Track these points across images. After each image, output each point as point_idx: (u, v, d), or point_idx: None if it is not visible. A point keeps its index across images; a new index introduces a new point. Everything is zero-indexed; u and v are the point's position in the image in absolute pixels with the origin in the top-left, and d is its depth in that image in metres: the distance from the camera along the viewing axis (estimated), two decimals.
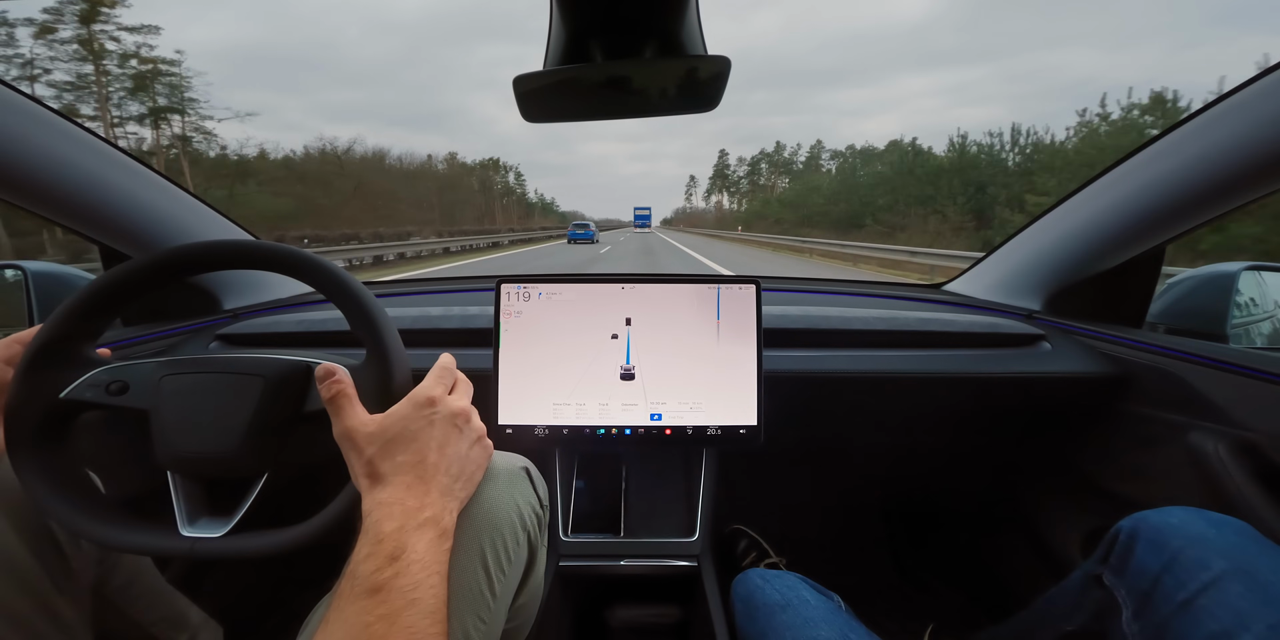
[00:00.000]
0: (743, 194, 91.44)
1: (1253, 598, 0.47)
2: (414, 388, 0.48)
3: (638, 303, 0.84)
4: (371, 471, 0.43)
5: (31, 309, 0.96)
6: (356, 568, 0.37)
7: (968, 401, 0.98)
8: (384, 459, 0.43)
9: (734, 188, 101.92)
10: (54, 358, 0.52)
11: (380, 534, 0.39)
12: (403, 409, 0.45)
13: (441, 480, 0.44)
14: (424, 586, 0.37)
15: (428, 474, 0.43)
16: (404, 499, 0.41)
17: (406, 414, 0.44)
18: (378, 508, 0.40)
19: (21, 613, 0.51)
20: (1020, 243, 1.10)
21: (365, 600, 0.36)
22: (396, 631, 0.35)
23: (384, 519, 0.39)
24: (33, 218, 0.80)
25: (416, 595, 0.37)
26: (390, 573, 0.37)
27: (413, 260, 16.83)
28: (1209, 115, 0.72)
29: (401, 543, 0.38)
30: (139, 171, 0.88)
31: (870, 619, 0.66)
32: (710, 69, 0.56)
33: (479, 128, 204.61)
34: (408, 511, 0.40)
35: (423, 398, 0.46)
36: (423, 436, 0.44)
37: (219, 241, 0.56)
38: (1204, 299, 0.94)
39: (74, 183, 0.78)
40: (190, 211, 0.98)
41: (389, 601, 0.36)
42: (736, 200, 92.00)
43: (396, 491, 0.41)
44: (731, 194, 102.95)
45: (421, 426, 0.44)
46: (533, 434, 0.82)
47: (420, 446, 0.43)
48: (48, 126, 0.74)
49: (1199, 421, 0.76)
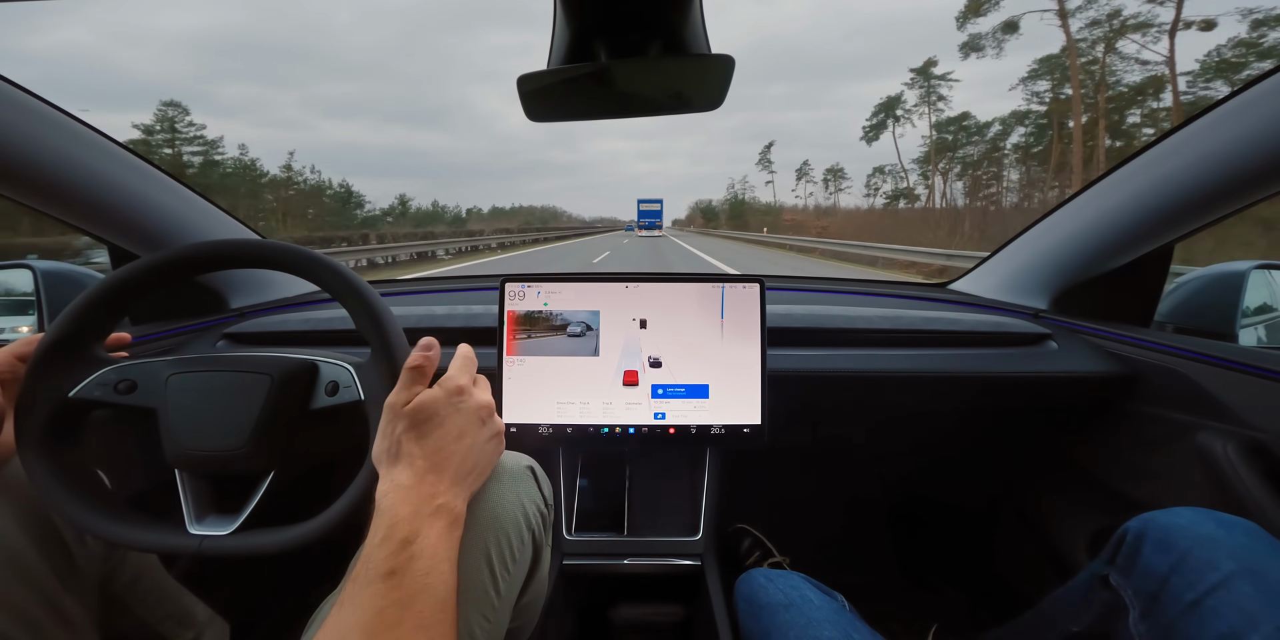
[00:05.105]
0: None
1: (1262, 598, 0.47)
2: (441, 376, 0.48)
3: (642, 302, 0.84)
4: (395, 449, 0.43)
5: (41, 308, 0.97)
6: (371, 552, 0.38)
7: (973, 401, 0.98)
8: (410, 439, 0.43)
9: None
10: (63, 357, 0.53)
11: (395, 518, 0.39)
12: (435, 393, 0.45)
13: (456, 470, 0.44)
14: (435, 573, 0.38)
15: (444, 462, 0.44)
16: (418, 485, 0.42)
17: (438, 398, 0.45)
18: (394, 491, 0.41)
19: (27, 610, 0.52)
20: (1026, 241, 1.10)
21: (380, 585, 0.36)
22: (409, 617, 0.35)
23: (399, 503, 0.40)
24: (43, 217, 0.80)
25: (429, 581, 0.37)
26: (405, 557, 0.37)
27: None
28: (1218, 113, 0.72)
29: (415, 528, 0.39)
30: (147, 171, 0.88)
31: (874, 619, 0.65)
32: (714, 68, 0.56)
33: (482, 124, 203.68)
34: (421, 498, 0.41)
35: (453, 386, 0.46)
36: (448, 423, 0.45)
37: (227, 241, 0.56)
38: (1213, 298, 0.93)
39: (84, 182, 0.79)
40: (198, 211, 0.98)
41: (403, 586, 0.36)
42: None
43: (413, 476, 0.42)
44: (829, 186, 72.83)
45: (449, 413, 0.45)
46: (536, 433, 0.82)
47: (444, 432, 0.44)
48: (57, 127, 0.74)
49: (1207, 421, 0.75)
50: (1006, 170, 41.48)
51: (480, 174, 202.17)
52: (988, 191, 41.81)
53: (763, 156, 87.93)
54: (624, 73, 0.59)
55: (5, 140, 0.68)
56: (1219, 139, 0.72)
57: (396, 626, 0.35)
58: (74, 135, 0.76)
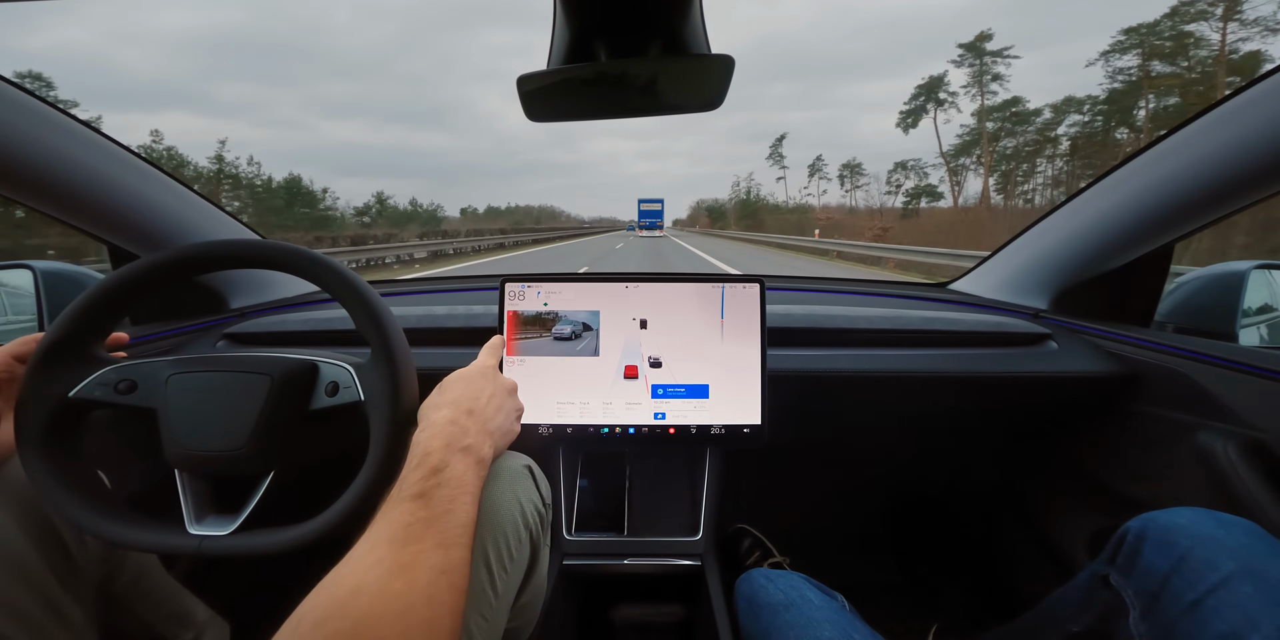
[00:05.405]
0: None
1: (1262, 598, 0.46)
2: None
3: (642, 302, 0.84)
4: (438, 400, 0.50)
5: (41, 308, 0.97)
6: (406, 476, 0.42)
7: (973, 401, 0.98)
8: (446, 398, 0.50)
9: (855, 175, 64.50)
10: (63, 356, 0.53)
11: (429, 449, 0.44)
12: (470, 368, 0.56)
13: (485, 423, 0.50)
14: (459, 501, 0.42)
15: (476, 413, 0.50)
16: (451, 425, 0.47)
17: (474, 368, 0.56)
18: (429, 428, 0.47)
19: (27, 610, 0.52)
20: (1027, 241, 1.10)
21: (409, 503, 0.40)
22: (432, 533, 0.39)
23: (432, 437, 0.45)
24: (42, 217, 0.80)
25: (452, 507, 0.41)
26: (434, 482, 0.42)
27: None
28: (1219, 112, 0.72)
29: (445, 459, 0.43)
30: (147, 172, 0.88)
31: (874, 619, 0.65)
32: (714, 68, 0.56)
33: (482, 123, 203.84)
34: (453, 435, 0.46)
35: (485, 364, 0.57)
36: (478, 386, 0.53)
37: (227, 241, 0.56)
38: (1213, 298, 0.93)
39: (83, 183, 0.78)
40: (198, 211, 0.98)
41: (429, 507, 0.40)
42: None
43: (447, 418, 0.48)
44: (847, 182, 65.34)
45: (484, 382, 0.54)
46: (537, 433, 0.82)
47: (476, 392, 0.52)
48: (57, 127, 0.74)
49: (1208, 421, 0.75)
50: (1073, 163, 35.55)
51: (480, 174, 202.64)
52: (1054, 187, 35.98)
53: (773, 151, 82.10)
54: (624, 73, 0.59)
55: (5, 140, 0.68)
56: (1219, 139, 0.72)
57: (420, 540, 0.38)
58: (73, 135, 0.76)
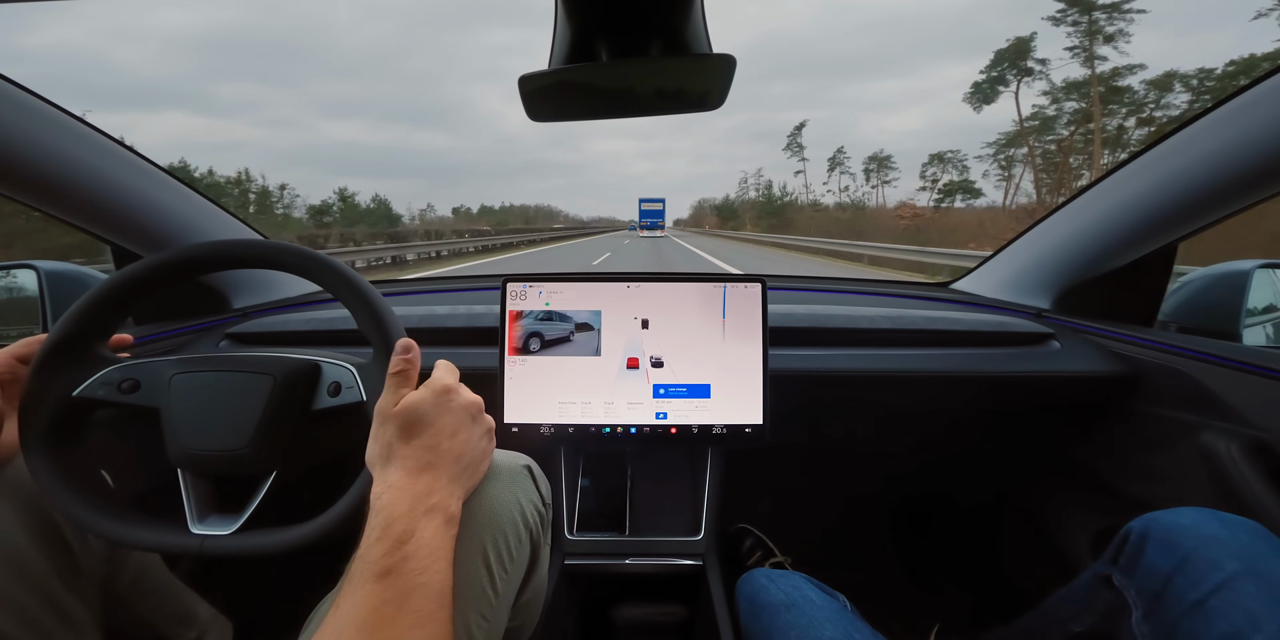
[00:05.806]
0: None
1: (1265, 598, 0.46)
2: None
3: (644, 301, 0.84)
4: (388, 451, 0.44)
5: (45, 308, 0.98)
6: (367, 550, 0.38)
7: (975, 400, 0.98)
8: (401, 440, 0.44)
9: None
10: (67, 356, 0.53)
11: (391, 517, 0.39)
12: (422, 394, 0.46)
13: (451, 467, 0.45)
14: (431, 571, 0.38)
15: (438, 460, 0.44)
16: (413, 484, 0.42)
17: (425, 399, 0.46)
18: (388, 491, 0.41)
19: (29, 610, 0.52)
20: (1029, 241, 1.09)
21: (374, 584, 0.36)
22: (404, 614, 0.36)
23: (394, 502, 0.40)
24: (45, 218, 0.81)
25: (424, 579, 0.37)
26: (399, 556, 0.37)
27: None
28: (1222, 112, 0.72)
29: (411, 526, 0.39)
30: (150, 172, 0.89)
31: (876, 619, 0.65)
32: (715, 68, 0.56)
33: (483, 123, 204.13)
34: (416, 496, 0.41)
35: (440, 386, 0.47)
36: (439, 422, 0.45)
37: (230, 241, 0.56)
38: (1217, 297, 0.93)
39: (87, 183, 0.79)
40: (200, 211, 0.99)
41: (398, 585, 0.36)
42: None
43: (407, 475, 0.42)
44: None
45: (439, 413, 0.45)
46: (538, 432, 0.82)
47: (435, 431, 0.45)
48: (60, 127, 0.75)
49: (1211, 421, 0.75)
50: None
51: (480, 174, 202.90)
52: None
53: (791, 141, 73.71)
54: (625, 72, 0.59)
55: (7, 140, 0.68)
56: (1221, 138, 0.71)
57: (392, 624, 0.35)
58: (76, 135, 0.77)
